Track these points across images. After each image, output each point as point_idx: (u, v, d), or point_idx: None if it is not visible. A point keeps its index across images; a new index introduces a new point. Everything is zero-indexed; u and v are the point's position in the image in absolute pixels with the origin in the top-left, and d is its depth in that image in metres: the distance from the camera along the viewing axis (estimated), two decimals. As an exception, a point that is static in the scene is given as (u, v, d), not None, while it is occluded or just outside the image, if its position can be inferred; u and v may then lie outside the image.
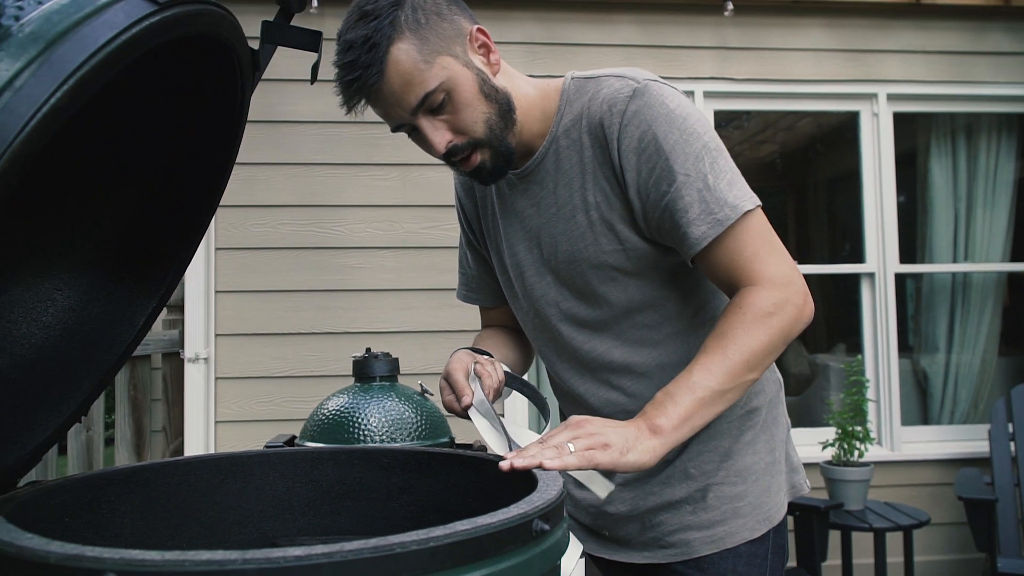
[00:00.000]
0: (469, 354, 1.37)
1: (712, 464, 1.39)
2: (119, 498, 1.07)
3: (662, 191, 1.25)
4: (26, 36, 0.68)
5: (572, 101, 1.34)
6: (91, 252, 1.19)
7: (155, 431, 4.27)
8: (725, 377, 1.16)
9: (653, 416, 1.14)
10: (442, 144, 1.26)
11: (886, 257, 4.24)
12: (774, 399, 1.46)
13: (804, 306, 1.23)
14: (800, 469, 1.50)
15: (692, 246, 1.24)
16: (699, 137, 1.26)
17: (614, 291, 1.36)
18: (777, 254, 1.25)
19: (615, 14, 4.13)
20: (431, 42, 1.22)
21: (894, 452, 4.14)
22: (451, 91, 1.24)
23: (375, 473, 1.22)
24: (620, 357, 1.39)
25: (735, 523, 1.38)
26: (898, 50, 4.28)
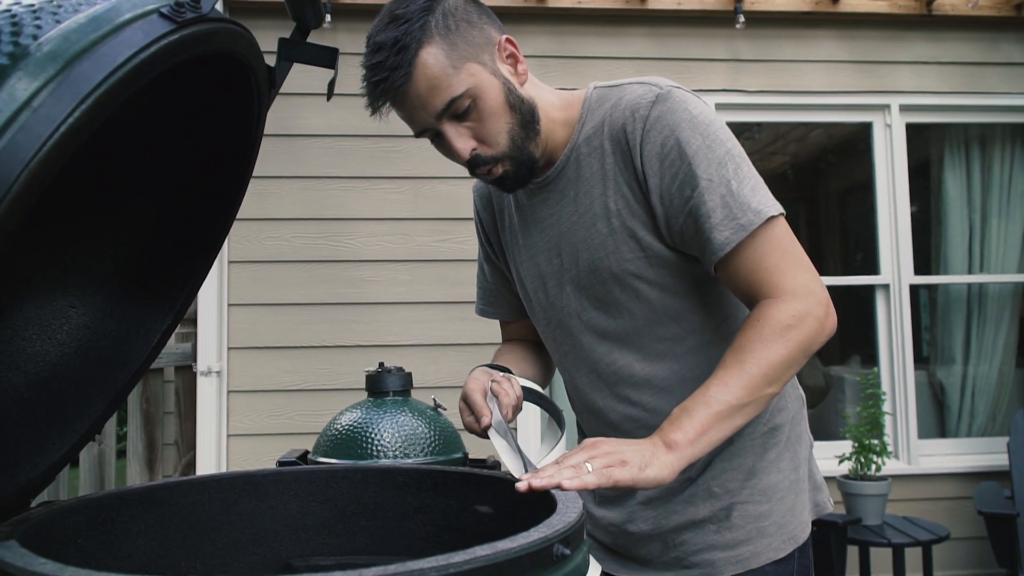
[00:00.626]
0: (486, 372, 1.35)
1: (736, 482, 1.36)
2: (132, 518, 1.06)
3: (685, 196, 1.24)
4: (44, 55, 0.67)
5: (594, 109, 1.34)
6: (106, 269, 1.18)
7: (167, 444, 4.27)
8: (743, 391, 1.14)
9: (669, 431, 1.12)
10: (466, 150, 1.25)
11: (901, 268, 4.21)
12: (797, 416, 1.43)
13: (825, 319, 1.20)
14: (823, 487, 1.48)
15: (715, 251, 1.22)
16: (722, 143, 1.24)
17: (635, 301, 1.34)
18: (799, 265, 1.23)
19: (627, 27, 4.13)
20: (460, 48, 1.22)
21: (911, 466, 4.10)
22: (477, 98, 1.23)
23: (390, 492, 1.21)
24: (641, 371, 1.38)
25: (760, 543, 1.35)
26: (910, 61, 4.27)
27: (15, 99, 0.64)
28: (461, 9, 1.25)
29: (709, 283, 1.34)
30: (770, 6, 4.11)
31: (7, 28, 0.70)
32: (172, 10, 0.74)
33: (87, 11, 0.72)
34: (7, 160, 0.62)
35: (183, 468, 4.06)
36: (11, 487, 0.98)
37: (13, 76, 0.65)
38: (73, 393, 1.11)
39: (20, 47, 0.68)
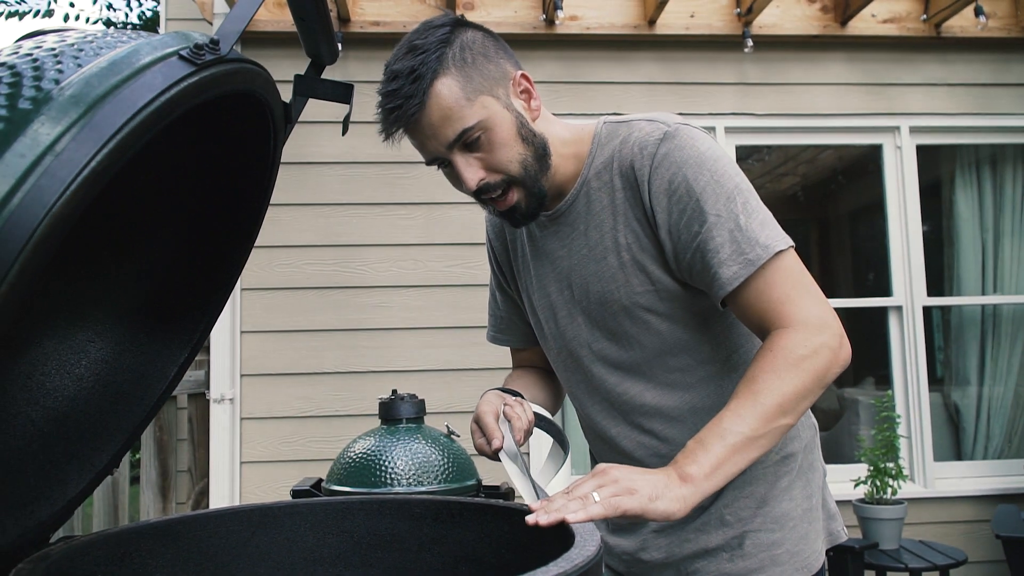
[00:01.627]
0: (499, 395, 1.36)
1: (748, 511, 1.36)
2: (151, 552, 1.07)
3: (693, 232, 1.24)
4: (67, 99, 0.68)
5: (603, 144, 1.36)
6: (124, 303, 1.19)
7: (180, 471, 4.27)
8: (757, 423, 1.13)
9: (684, 464, 1.10)
10: (473, 181, 1.27)
11: (913, 290, 4.20)
12: (810, 444, 1.43)
13: (839, 349, 1.19)
14: (838, 516, 1.47)
15: (723, 287, 1.22)
16: (731, 178, 1.25)
17: (646, 333, 1.35)
18: (811, 295, 1.22)
19: (636, 52, 4.15)
20: (475, 81, 1.24)
21: (927, 489, 4.07)
22: (488, 130, 1.25)
23: (406, 523, 1.21)
24: (652, 400, 1.38)
25: (773, 571, 1.34)
26: (920, 83, 4.27)
27: (38, 143, 0.65)
28: (479, 43, 1.27)
29: (718, 315, 1.35)
30: (778, 30, 4.13)
31: (29, 73, 0.71)
32: (192, 52, 0.75)
33: (108, 55, 0.73)
34: (31, 205, 0.63)
35: (196, 496, 4.06)
36: (31, 523, 0.98)
37: (36, 120, 0.66)
38: (91, 428, 1.12)
39: (43, 91, 0.69)
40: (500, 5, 4.02)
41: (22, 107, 0.67)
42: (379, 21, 3.94)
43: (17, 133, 0.65)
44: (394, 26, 3.94)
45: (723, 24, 4.08)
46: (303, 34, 1.02)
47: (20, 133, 0.65)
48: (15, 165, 0.64)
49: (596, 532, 0.92)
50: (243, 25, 0.78)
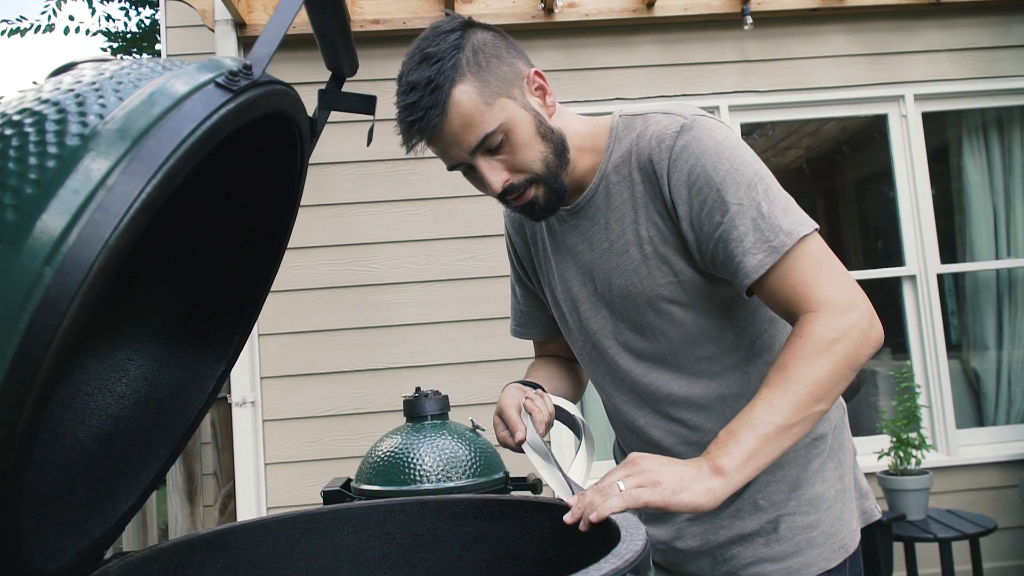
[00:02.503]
0: (520, 388, 1.38)
1: (782, 494, 1.37)
2: (202, 564, 1.09)
3: (715, 222, 1.24)
4: (113, 133, 0.70)
5: (621, 138, 1.36)
6: (159, 320, 1.22)
7: (206, 474, 4.31)
8: (790, 411, 1.11)
9: (716, 456, 1.09)
10: (499, 184, 1.28)
11: (926, 259, 4.19)
12: (839, 425, 1.44)
13: (870, 330, 1.18)
14: (870, 494, 1.48)
15: (748, 275, 1.22)
16: (750, 166, 1.25)
17: (670, 324, 1.36)
18: (838, 277, 1.21)
19: (635, 36, 4.15)
20: (491, 84, 1.25)
21: (951, 457, 4.07)
22: (509, 132, 1.26)
23: (447, 523, 1.23)
24: (679, 389, 1.39)
25: (810, 553, 1.35)
26: (922, 50, 4.26)
27: (90, 179, 0.67)
28: (490, 44, 1.27)
29: (741, 302, 1.35)
30: (777, 5, 4.12)
31: (73, 108, 0.73)
32: (227, 79, 0.77)
33: (147, 87, 0.75)
34: (88, 239, 0.65)
35: (223, 499, 4.10)
36: (86, 541, 1.01)
37: (87, 156, 0.68)
38: (136, 444, 1.14)
39: (88, 126, 0.71)
40: (498, -4, 4.03)
41: (70, 143, 0.69)
42: (379, 19, 3.95)
43: (69, 170, 0.67)
44: (394, 23, 3.94)
45: (721, 3, 4.08)
46: (324, 48, 1.04)
47: (72, 169, 0.67)
48: (70, 201, 0.65)
49: (641, 526, 0.94)
50: (274, 48, 0.80)
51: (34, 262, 0.64)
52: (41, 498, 0.97)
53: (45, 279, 0.64)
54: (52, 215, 0.65)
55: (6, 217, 0.66)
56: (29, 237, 0.65)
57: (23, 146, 0.70)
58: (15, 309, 0.63)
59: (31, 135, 0.71)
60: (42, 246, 0.64)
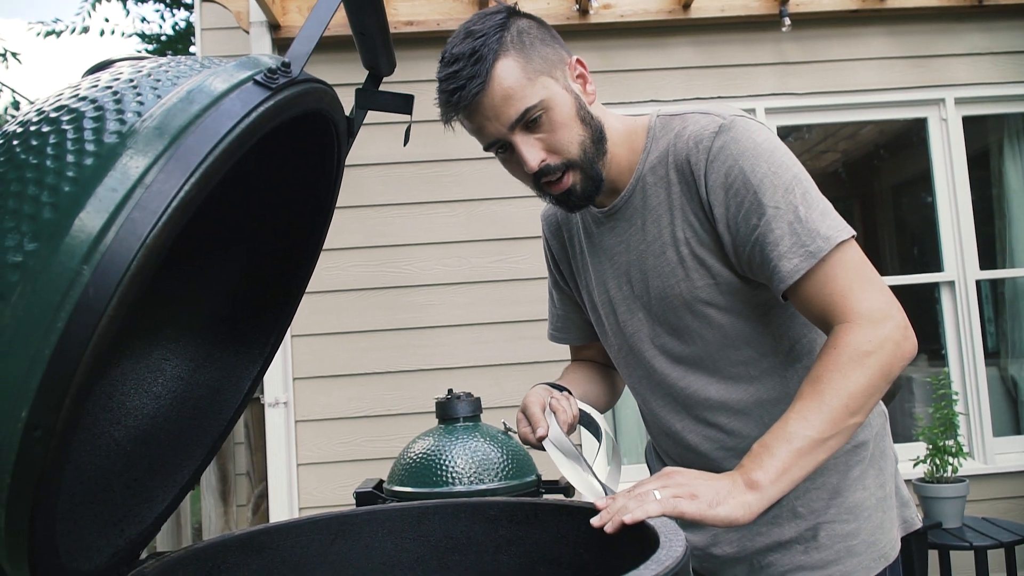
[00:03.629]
0: (547, 389, 1.38)
1: (821, 502, 1.35)
2: (237, 565, 1.09)
3: (752, 225, 1.23)
4: (151, 131, 0.69)
5: (658, 138, 1.35)
6: (197, 319, 1.22)
7: (239, 474, 4.34)
8: (824, 425, 1.10)
9: (750, 470, 1.08)
10: (535, 161, 1.26)
11: (965, 265, 4.12)
12: (880, 432, 1.41)
13: (904, 341, 1.16)
14: (910, 502, 1.45)
15: (784, 280, 1.21)
16: (788, 168, 1.24)
17: (707, 327, 1.34)
18: (874, 287, 1.20)
19: (671, 37, 4.12)
20: (534, 62, 1.25)
21: (987, 464, 4.00)
22: (549, 110, 1.25)
23: (482, 526, 1.22)
24: (716, 394, 1.37)
25: (850, 562, 1.33)
26: (964, 53, 4.19)
27: (128, 177, 0.66)
28: (535, 29, 1.28)
29: (779, 306, 1.33)
30: (816, 6, 4.07)
31: (111, 106, 0.72)
32: (266, 77, 0.76)
33: (185, 84, 0.74)
34: (126, 238, 0.64)
35: (256, 499, 4.13)
36: (122, 541, 1.01)
37: (125, 154, 0.68)
38: (172, 444, 1.14)
39: (126, 124, 0.71)
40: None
41: (108, 141, 0.69)
42: (413, 20, 3.95)
43: (107, 167, 0.67)
44: (428, 24, 3.95)
45: (759, 4, 4.03)
46: (362, 47, 1.03)
47: (110, 167, 0.67)
48: (108, 200, 0.65)
49: (680, 531, 0.92)
50: (312, 45, 0.79)
51: (72, 261, 0.64)
52: (78, 498, 0.97)
53: (83, 278, 0.63)
54: (90, 213, 0.65)
55: (44, 215, 0.66)
56: (67, 235, 0.64)
57: (61, 143, 0.70)
58: (53, 308, 0.63)
59: (69, 132, 0.70)
60: (80, 245, 0.64)
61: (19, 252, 0.64)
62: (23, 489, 0.65)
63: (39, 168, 0.67)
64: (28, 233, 0.65)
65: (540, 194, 1.35)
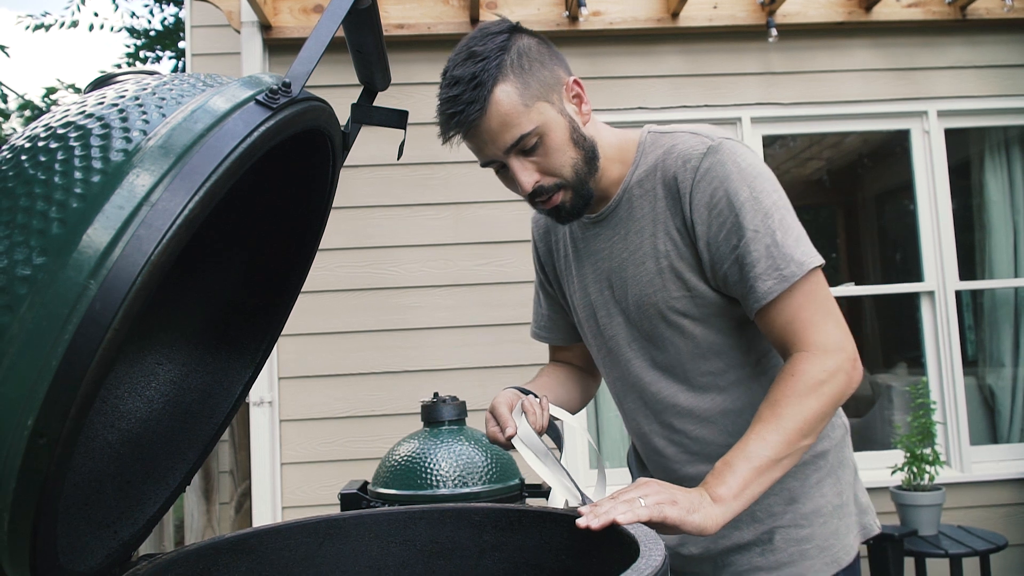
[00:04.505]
0: (516, 393, 1.43)
1: (779, 507, 1.42)
2: (227, 567, 1.11)
3: (732, 245, 1.30)
4: (156, 150, 0.72)
5: (648, 153, 1.41)
6: (189, 325, 1.24)
7: (223, 472, 4.34)
8: (780, 446, 1.20)
9: (714, 486, 1.17)
10: (529, 184, 1.32)
11: (945, 275, 4.18)
12: (840, 443, 1.48)
13: (853, 372, 1.27)
14: (870, 510, 1.53)
15: (759, 299, 1.29)
16: (769, 195, 1.31)
17: (680, 336, 1.41)
18: (832, 319, 1.30)
19: (659, 44, 4.16)
20: (532, 87, 1.30)
21: (964, 473, 4.06)
22: (544, 135, 1.31)
23: (466, 531, 1.25)
24: (686, 401, 1.44)
25: (803, 565, 1.41)
26: (947, 66, 4.25)
27: (135, 195, 0.69)
28: (534, 50, 1.32)
29: (749, 322, 1.40)
30: (802, 18, 4.12)
31: (117, 124, 0.75)
32: (267, 97, 0.78)
33: (189, 104, 0.77)
34: (132, 254, 0.67)
35: (239, 497, 4.14)
36: (115, 543, 1.03)
37: (131, 173, 0.70)
38: (164, 447, 1.16)
39: (132, 142, 0.73)
40: (523, 3, 4.04)
41: (115, 159, 0.71)
42: (404, 23, 3.97)
43: (114, 185, 0.69)
44: (419, 28, 3.97)
45: (746, 14, 4.08)
46: (358, 63, 1.06)
47: (117, 185, 0.69)
48: (115, 217, 0.67)
49: (660, 540, 0.95)
50: (312, 66, 0.81)
51: (79, 275, 0.66)
52: (72, 500, 0.99)
53: (90, 292, 0.66)
54: (97, 230, 0.67)
55: (52, 230, 0.68)
56: (75, 251, 0.67)
57: (68, 160, 0.72)
58: (60, 321, 0.65)
59: (76, 149, 0.73)
60: (87, 260, 0.66)
61: (28, 265, 0.67)
62: (28, 494, 0.68)
63: (47, 184, 0.70)
64: (37, 247, 0.67)
65: (532, 206, 1.41)
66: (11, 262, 0.67)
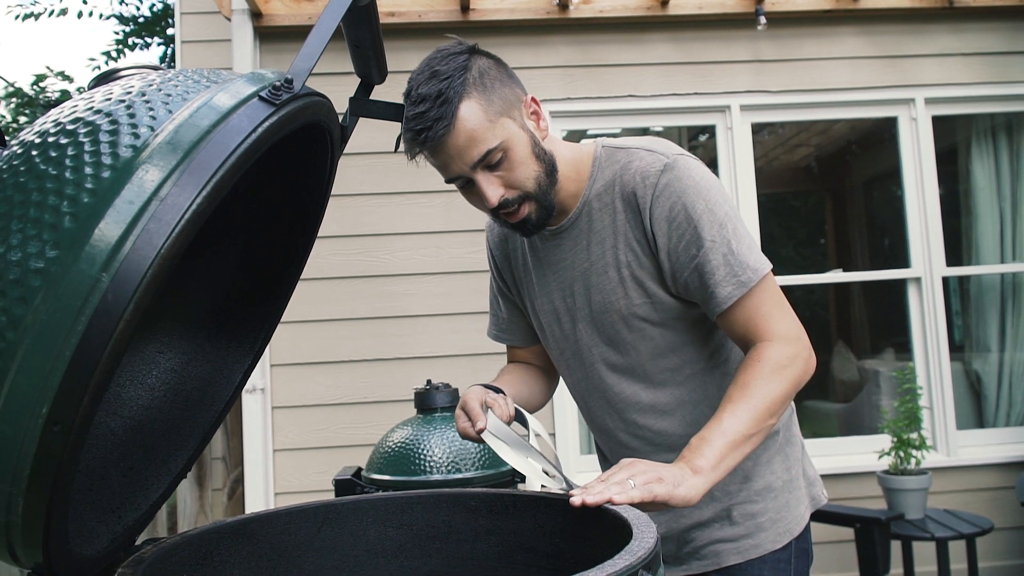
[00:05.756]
0: (483, 389, 1.47)
1: (734, 485, 1.52)
2: (229, 550, 1.14)
3: (691, 255, 1.39)
4: (164, 146, 0.74)
5: (604, 168, 1.48)
6: (189, 314, 1.26)
7: (215, 459, 4.36)
8: (751, 423, 1.28)
9: (692, 459, 1.23)
10: (495, 198, 1.37)
11: (932, 262, 4.22)
12: (788, 422, 1.59)
13: (810, 359, 1.39)
14: (817, 481, 1.64)
15: (719, 304, 1.38)
16: (721, 206, 1.40)
17: (641, 339, 1.50)
18: (787, 313, 1.41)
19: (650, 33, 4.17)
20: (495, 103, 1.34)
21: (950, 457, 4.11)
22: (508, 150, 1.35)
23: (462, 515, 1.28)
24: (646, 398, 1.53)
25: (759, 536, 1.52)
26: (934, 54, 4.28)
27: (144, 190, 0.71)
28: (494, 69, 1.38)
29: (704, 322, 1.50)
30: (791, 6, 4.13)
31: (125, 120, 0.77)
32: (271, 93, 0.80)
33: (195, 100, 0.79)
34: (143, 248, 0.69)
35: (232, 483, 4.16)
36: (119, 528, 1.05)
37: (140, 168, 0.72)
38: (165, 434, 1.19)
39: (141, 139, 0.75)
40: (513, -9, 4.05)
41: (124, 155, 0.73)
42: (395, 11, 3.98)
43: (124, 180, 0.71)
44: (409, 16, 3.97)
45: (736, 2, 4.09)
46: (356, 58, 1.08)
47: (127, 180, 0.71)
48: (126, 211, 0.69)
49: (652, 523, 0.98)
50: (313, 63, 0.83)
51: (92, 268, 0.68)
52: (79, 486, 1.02)
53: (102, 285, 0.68)
54: (109, 224, 0.69)
55: (64, 224, 0.70)
56: (87, 244, 0.69)
57: (79, 155, 0.74)
58: (74, 313, 0.67)
59: (86, 145, 0.75)
60: (99, 253, 0.69)
61: (41, 259, 0.69)
62: (42, 480, 0.70)
63: (59, 179, 0.72)
64: (50, 241, 0.69)
65: (497, 221, 1.47)
66: (25, 255, 0.69)
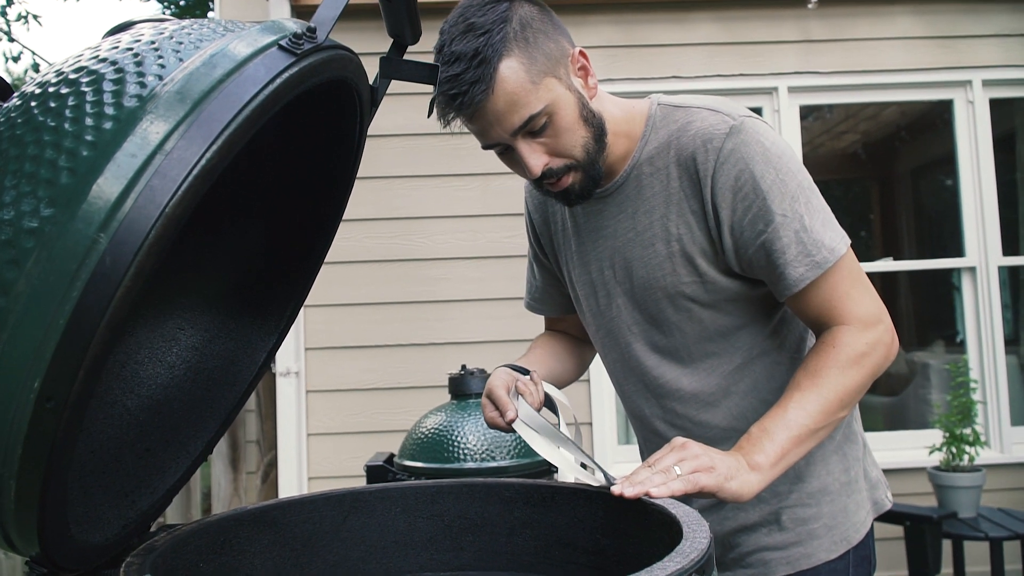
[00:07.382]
0: (510, 373, 1.36)
1: (784, 486, 1.37)
2: (248, 539, 1.07)
3: (758, 230, 1.24)
4: (172, 96, 0.67)
5: (658, 128, 1.32)
6: (211, 290, 1.20)
7: (249, 442, 4.35)
8: (820, 416, 1.17)
9: (751, 452, 1.13)
10: (538, 167, 1.24)
11: (988, 250, 4.06)
12: (847, 417, 1.41)
13: (892, 344, 1.26)
14: (881, 484, 1.48)
15: (790, 287, 1.25)
16: (794, 176, 1.25)
17: (688, 320, 1.35)
18: (868, 293, 1.27)
19: (694, 12, 4.05)
20: (538, 62, 1.20)
21: (1005, 454, 3.96)
22: (553, 114, 1.22)
23: (497, 507, 1.20)
24: (688, 384, 1.39)
25: (811, 544, 1.37)
26: (992, 34, 4.11)
27: (148, 143, 0.64)
28: (537, 19, 1.22)
29: (758, 304, 1.35)
30: (843, -16, 4.00)
31: (132, 69, 0.70)
32: (291, 42, 0.73)
33: (208, 48, 0.71)
34: (145, 206, 0.62)
35: (265, 467, 4.14)
36: (133, 513, 0.99)
37: (145, 119, 0.65)
38: (185, 415, 1.13)
39: (147, 88, 0.68)
40: (555, -31, 3.95)
41: (128, 105, 0.66)
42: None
43: (127, 132, 0.64)
44: (448, -6, 3.89)
45: (785, -20, 3.96)
46: (387, 14, 1.00)
47: (129, 132, 0.64)
48: (127, 166, 0.63)
49: (704, 522, 0.90)
50: (339, 11, 0.76)
51: (89, 228, 0.62)
52: (89, 468, 0.96)
53: (100, 246, 0.61)
54: (108, 179, 0.63)
55: (61, 180, 0.64)
56: (84, 202, 0.62)
57: (79, 106, 0.67)
58: (68, 277, 0.61)
59: (88, 95, 0.68)
60: (97, 212, 0.62)
61: (35, 217, 0.62)
62: (35, 462, 0.64)
63: (57, 131, 0.65)
64: (45, 198, 0.63)
65: (539, 190, 1.34)
66: (18, 213, 0.62)
